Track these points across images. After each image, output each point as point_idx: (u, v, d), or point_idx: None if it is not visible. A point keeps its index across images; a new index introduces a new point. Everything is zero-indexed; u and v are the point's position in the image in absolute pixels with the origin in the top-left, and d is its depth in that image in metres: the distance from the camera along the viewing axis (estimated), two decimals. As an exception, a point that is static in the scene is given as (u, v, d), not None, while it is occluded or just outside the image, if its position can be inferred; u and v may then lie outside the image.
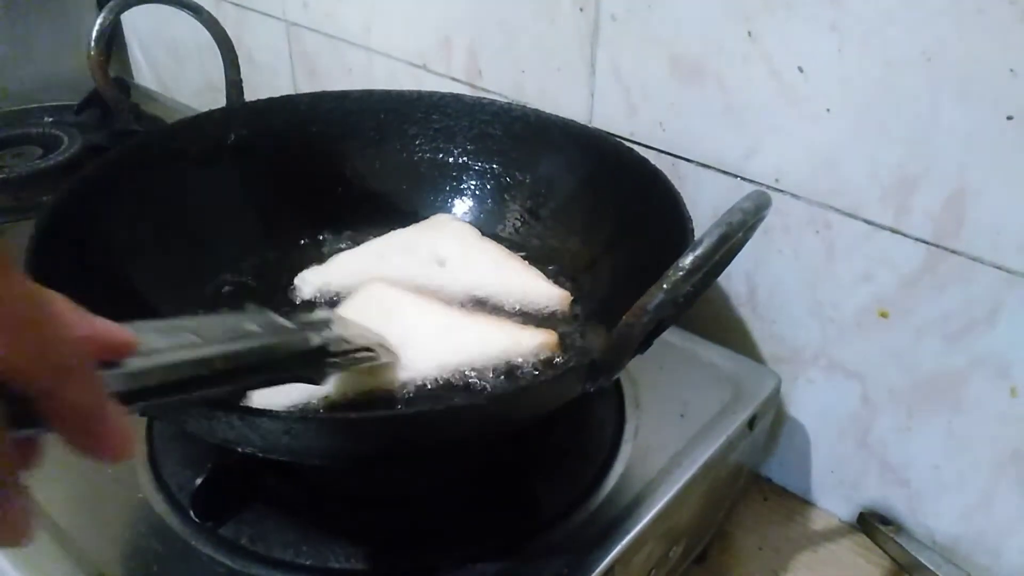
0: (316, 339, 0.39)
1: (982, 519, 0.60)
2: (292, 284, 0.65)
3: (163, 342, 0.30)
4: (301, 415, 0.39)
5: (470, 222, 0.72)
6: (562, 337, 0.60)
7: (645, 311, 0.39)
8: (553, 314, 0.64)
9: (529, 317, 0.63)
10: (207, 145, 0.68)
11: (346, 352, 0.43)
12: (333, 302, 0.63)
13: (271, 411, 0.38)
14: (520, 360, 0.57)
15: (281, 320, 0.37)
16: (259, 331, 0.35)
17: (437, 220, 0.71)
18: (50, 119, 1.03)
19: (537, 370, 0.57)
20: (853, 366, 0.63)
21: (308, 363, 0.38)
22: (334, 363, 0.41)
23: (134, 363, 0.29)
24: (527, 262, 0.68)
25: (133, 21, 1.25)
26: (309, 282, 0.65)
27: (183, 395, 0.31)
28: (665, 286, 0.38)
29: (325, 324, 0.42)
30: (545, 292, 0.64)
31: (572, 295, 0.64)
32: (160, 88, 1.26)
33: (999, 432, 0.57)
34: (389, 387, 0.53)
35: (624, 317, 0.40)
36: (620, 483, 0.53)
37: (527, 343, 0.58)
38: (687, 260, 0.38)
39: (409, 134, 0.73)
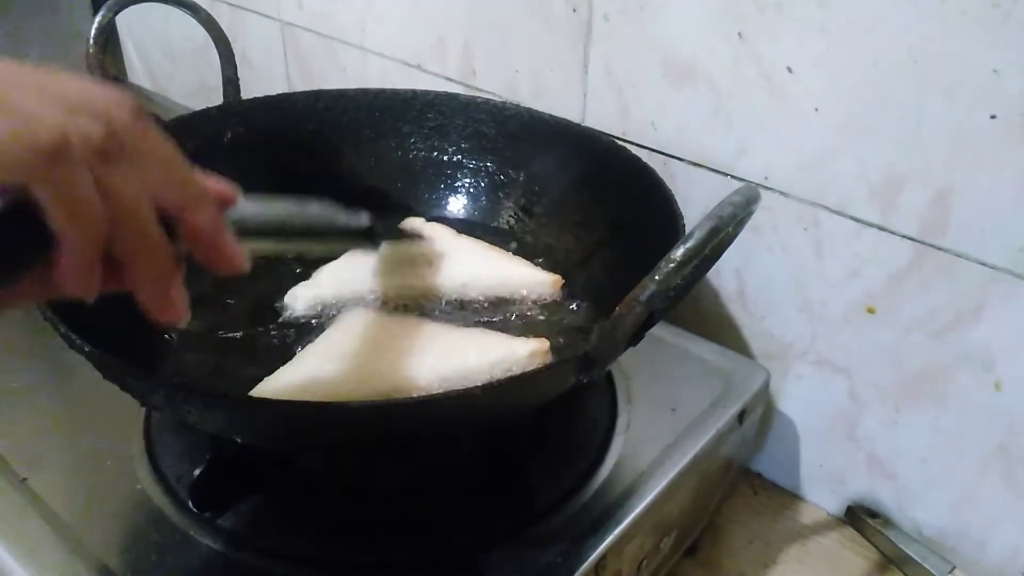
0: (366, 219, 0.49)
1: (968, 512, 0.61)
2: (293, 271, 0.66)
3: (255, 205, 0.39)
4: (301, 403, 0.39)
5: (465, 219, 0.73)
6: (555, 327, 0.61)
7: (637, 302, 0.40)
8: (549, 301, 0.65)
9: (531, 305, 0.64)
10: (203, 142, 0.68)
11: (389, 230, 0.55)
12: (330, 316, 0.63)
13: (273, 400, 0.39)
14: (514, 368, 0.56)
15: (339, 206, 0.47)
16: (324, 210, 0.45)
17: (411, 224, 0.71)
18: (45, 117, 1.03)
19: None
20: (841, 361, 0.64)
21: (363, 234, 0.49)
22: (383, 235, 0.53)
23: (235, 212, 0.37)
24: (511, 253, 0.68)
25: (127, 21, 1.25)
26: (300, 297, 0.63)
27: (270, 239, 0.41)
28: (657, 277, 0.39)
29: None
30: (536, 278, 0.65)
31: (563, 279, 0.65)
32: (154, 88, 1.26)
33: (984, 426, 0.58)
34: (433, 291, 0.63)
35: (617, 309, 0.41)
36: (612, 475, 0.54)
37: (520, 351, 0.57)
38: (678, 252, 0.39)
39: (404, 132, 0.74)
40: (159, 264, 0.32)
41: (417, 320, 0.60)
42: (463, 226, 0.72)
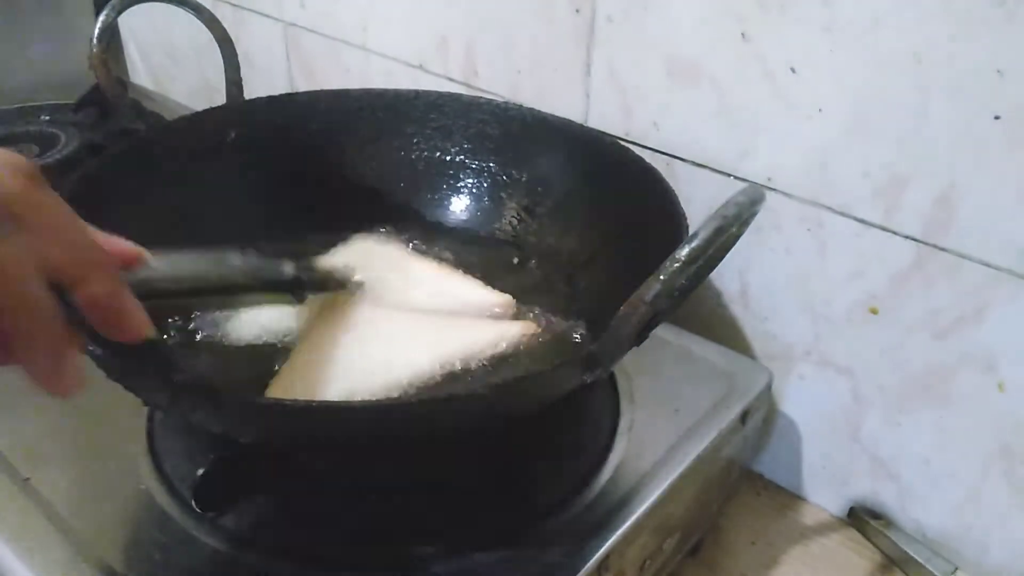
0: (291, 269, 0.48)
1: (971, 513, 0.61)
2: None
3: (167, 262, 0.38)
4: (303, 403, 0.40)
5: (467, 220, 0.73)
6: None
7: (642, 302, 0.40)
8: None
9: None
10: (207, 142, 0.68)
11: (316, 280, 0.54)
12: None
13: (276, 401, 0.39)
14: (508, 349, 0.58)
15: (262, 257, 0.46)
16: (244, 263, 0.44)
17: (360, 243, 0.70)
18: (47, 117, 1.03)
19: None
20: (844, 362, 0.64)
21: (285, 287, 0.48)
22: (307, 287, 0.51)
23: (144, 272, 0.37)
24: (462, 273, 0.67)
25: (129, 21, 1.25)
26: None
27: (182, 299, 0.40)
28: (662, 277, 0.39)
29: (300, 261, 0.52)
30: (489, 299, 0.64)
31: (514, 297, 0.64)
32: (156, 88, 1.26)
33: (987, 427, 0.58)
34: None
35: (621, 308, 0.41)
36: (615, 475, 0.54)
37: (512, 330, 0.59)
38: (683, 252, 0.39)
39: (407, 133, 0.74)
40: (48, 337, 0.31)
41: (400, 308, 0.61)
42: (465, 228, 0.73)
